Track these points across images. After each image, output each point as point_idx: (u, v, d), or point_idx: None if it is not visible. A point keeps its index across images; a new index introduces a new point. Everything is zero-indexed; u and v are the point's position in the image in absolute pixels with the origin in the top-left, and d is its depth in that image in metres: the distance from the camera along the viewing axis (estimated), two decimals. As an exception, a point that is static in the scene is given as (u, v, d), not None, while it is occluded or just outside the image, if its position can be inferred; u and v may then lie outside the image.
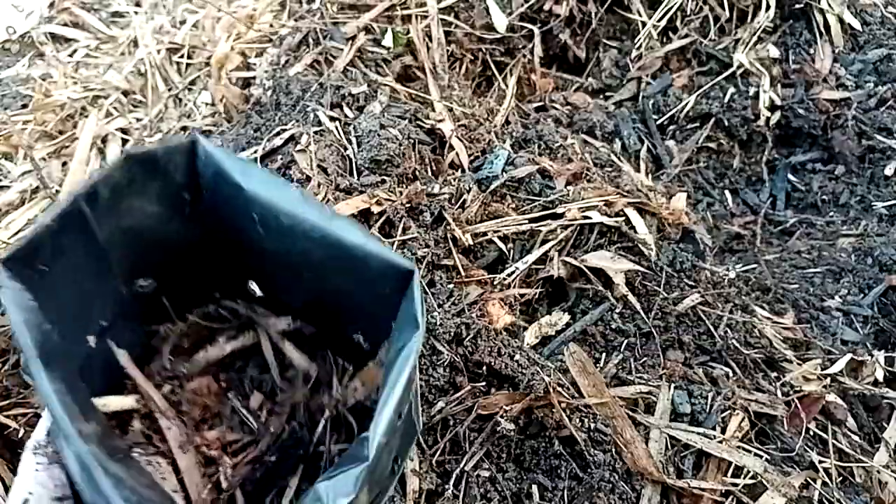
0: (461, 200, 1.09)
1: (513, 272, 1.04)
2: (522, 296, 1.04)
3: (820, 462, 0.94)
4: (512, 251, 1.08)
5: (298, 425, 0.66)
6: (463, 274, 1.01)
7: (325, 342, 0.70)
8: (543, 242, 1.07)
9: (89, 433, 0.46)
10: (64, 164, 1.42)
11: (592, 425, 0.87)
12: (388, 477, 0.55)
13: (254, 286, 0.70)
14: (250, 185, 0.59)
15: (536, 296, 1.06)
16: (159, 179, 0.60)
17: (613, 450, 0.87)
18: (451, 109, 1.28)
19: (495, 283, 1.03)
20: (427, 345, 0.89)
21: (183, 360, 0.68)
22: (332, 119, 1.13)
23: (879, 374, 1.10)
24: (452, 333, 0.90)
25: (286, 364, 0.69)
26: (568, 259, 1.06)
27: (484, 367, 0.91)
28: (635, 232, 1.11)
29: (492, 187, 1.12)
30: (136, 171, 0.58)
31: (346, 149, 1.09)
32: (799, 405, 0.98)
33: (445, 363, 0.88)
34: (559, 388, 0.88)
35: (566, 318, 1.04)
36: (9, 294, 0.48)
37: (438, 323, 0.90)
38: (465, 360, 0.91)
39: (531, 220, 1.09)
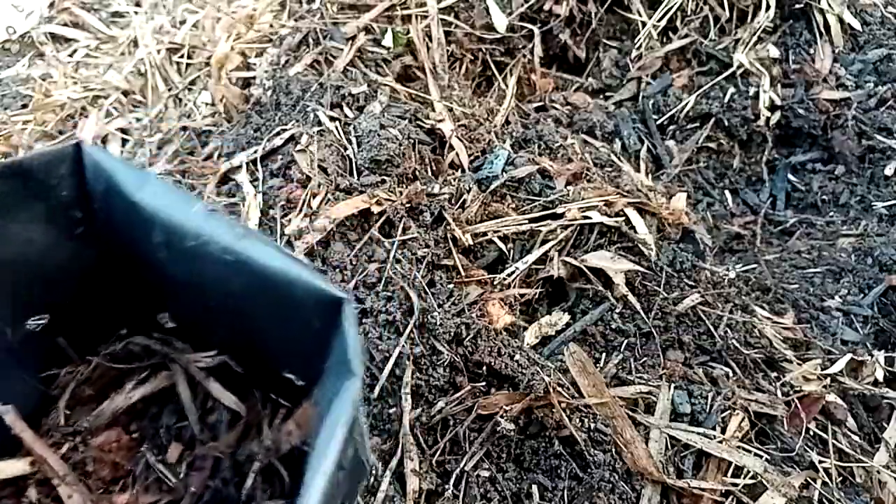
0: (461, 200, 1.09)
1: (513, 272, 1.04)
2: (522, 296, 1.04)
3: (820, 462, 0.94)
4: (512, 251, 1.08)
5: (223, 481, 0.56)
6: (463, 274, 1.01)
7: (253, 380, 0.60)
8: (543, 242, 1.07)
9: None
10: (64, 164, 1.42)
11: (592, 425, 0.87)
12: None
13: (165, 318, 0.59)
14: (147, 200, 0.49)
15: (536, 296, 1.06)
16: (40, 197, 0.50)
17: (613, 450, 0.87)
18: (451, 109, 1.28)
19: (495, 283, 1.03)
20: (427, 345, 0.89)
21: (87, 412, 0.58)
22: (332, 119, 1.13)
23: (879, 374, 1.10)
24: (452, 333, 0.90)
25: (207, 408, 0.59)
26: (568, 259, 1.06)
27: (484, 367, 0.91)
28: (635, 232, 1.11)
29: (492, 187, 1.12)
30: (10, 189, 0.49)
31: (346, 149, 1.09)
32: (799, 405, 0.98)
33: (445, 363, 0.88)
34: (559, 388, 0.88)
35: (566, 318, 1.04)
36: None
37: (438, 323, 0.90)
38: (465, 360, 0.91)
39: (531, 220, 1.09)
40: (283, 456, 0.56)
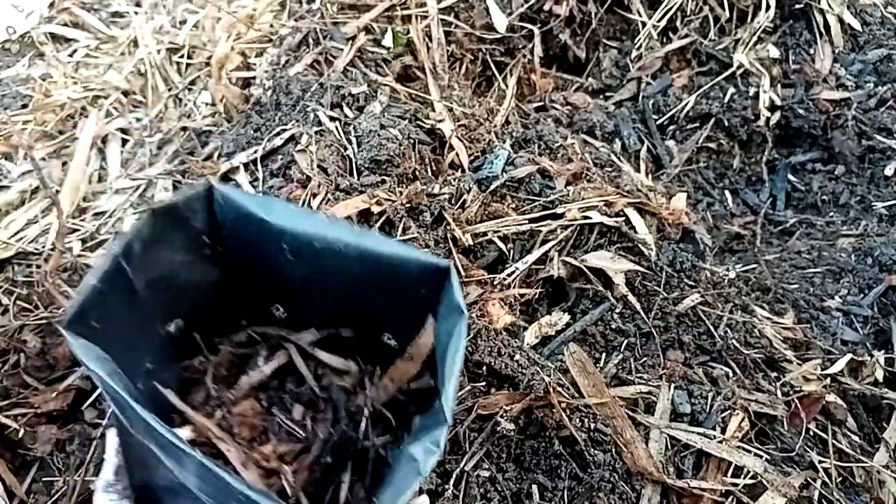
0: (461, 200, 1.09)
1: (513, 272, 1.04)
2: (522, 296, 1.04)
3: (820, 462, 0.94)
4: (512, 251, 1.08)
5: (342, 428, 0.70)
6: (463, 274, 1.01)
7: (354, 348, 0.74)
8: (543, 242, 1.07)
9: None
10: (64, 163, 1.42)
11: (592, 425, 0.87)
12: None
13: (279, 309, 0.74)
14: (276, 219, 0.64)
15: (536, 296, 1.06)
16: (182, 229, 0.65)
17: (613, 450, 0.87)
18: (451, 110, 1.28)
19: (495, 283, 1.03)
20: None
21: (224, 388, 0.71)
22: (333, 119, 1.13)
23: (879, 374, 1.10)
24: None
25: (319, 374, 0.73)
26: (568, 259, 1.06)
27: (484, 367, 0.91)
28: (635, 232, 1.11)
29: (492, 187, 1.12)
30: (161, 224, 0.62)
31: (346, 149, 1.09)
32: (799, 405, 0.98)
33: None
34: (559, 388, 0.88)
35: (566, 318, 1.04)
36: (82, 351, 0.52)
37: None
38: (465, 360, 0.91)
39: (531, 221, 1.09)
40: (384, 405, 0.69)
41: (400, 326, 0.68)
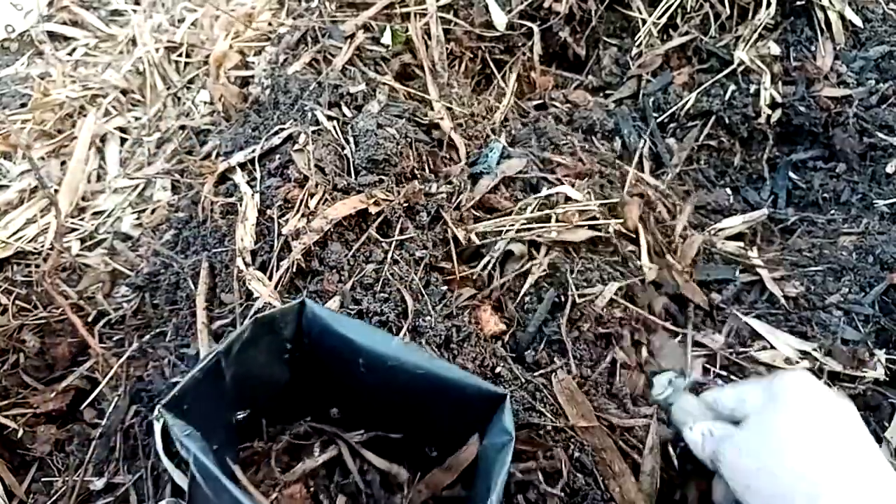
0: (459, 199, 1.09)
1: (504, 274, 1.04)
2: (514, 299, 1.03)
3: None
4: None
5: None
6: (457, 276, 1.01)
7: (396, 454, 0.83)
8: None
9: None
10: (63, 163, 1.42)
11: (577, 454, 0.84)
12: None
13: (335, 411, 0.84)
14: (356, 337, 0.76)
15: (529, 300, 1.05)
16: (272, 335, 0.77)
17: (601, 480, 0.83)
18: (449, 108, 1.27)
19: (491, 285, 1.02)
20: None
21: (278, 471, 0.80)
22: (331, 119, 1.12)
23: (880, 374, 1.10)
24: (443, 337, 0.89)
25: (364, 470, 0.82)
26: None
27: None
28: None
29: (487, 182, 1.12)
30: (258, 331, 0.74)
31: (343, 148, 1.08)
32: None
33: None
34: (541, 409, 0.86)
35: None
36: (179, 430, 0.62)
37: (430, 326, 0.89)
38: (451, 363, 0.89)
39: (529, 221, 1.09)
40: None
41: (445, 440, 0.78)
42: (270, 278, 0.94)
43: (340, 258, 0.94)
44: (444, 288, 0.97)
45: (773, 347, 1.11)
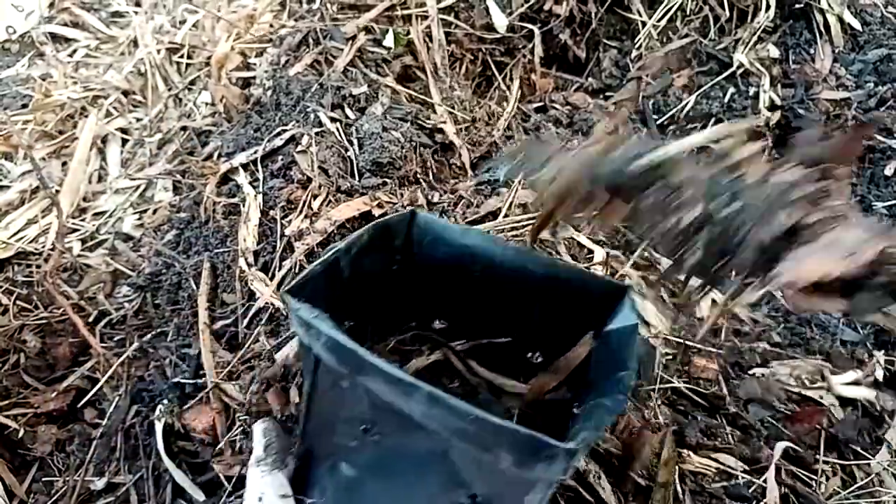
0: (461, 204, 1.09)
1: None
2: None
3: (822, 461, 0.94)
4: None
5: None
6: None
7: (498, 361, 0.84)
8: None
9: None
10: (64, 163, 1.42)
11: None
12: None
13: (438, 322, 0.85)
14: (472, 243, 0.77)
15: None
16: (386, 241, 0.77)
17: None
18: (451, 112, 1.28)
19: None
20: None
21: None
22: (333, 120, 1.13)
23: (879, 374, 1.10)
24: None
25: (470, 374, 0.83)
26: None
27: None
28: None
29: (496, 204, 1.12)
30: (374, 235, 0.75)
31: (346, 150, 1.08)
32: (800, 410, 0.98)
33: None
34: None
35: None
36: (306, 312, 0.61)
37: None
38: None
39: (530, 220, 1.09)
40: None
41: (552, 344, 0.77)
42: (273, 279, 0.94)
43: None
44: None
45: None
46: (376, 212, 0.99)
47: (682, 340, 1.03)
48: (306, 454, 0.70)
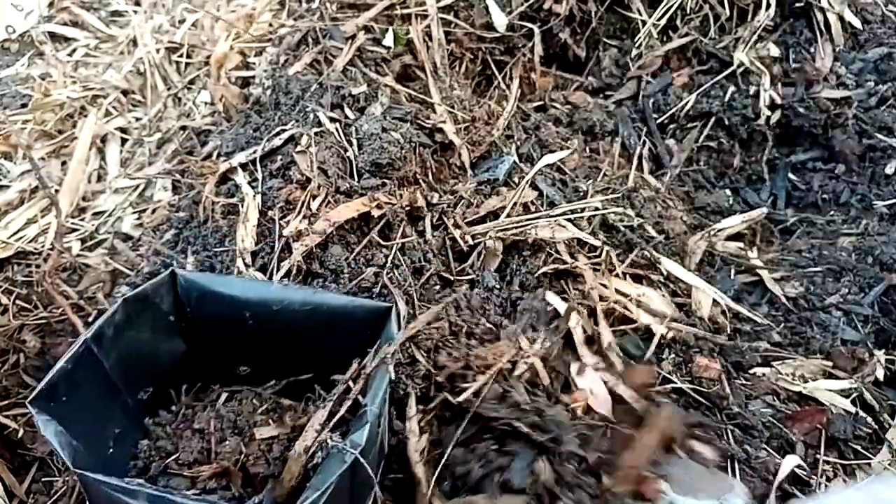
0: (461, 205, 1.09)
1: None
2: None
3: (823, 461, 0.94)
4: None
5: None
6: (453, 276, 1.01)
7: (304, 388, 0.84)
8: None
9: None
10: (63, 163, 1.42)
11: None
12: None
13: (242, 368, 0.85)
14: (236, 292, 0.78)
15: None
16: (150, 311, 0.76)
17: None
18: (451, 111, 1.27)
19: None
20: (407, 354, 0.87)
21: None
22: (333, 120, 1.12)
23: (880, 374, 1.10)
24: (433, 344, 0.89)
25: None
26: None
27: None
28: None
29: (496, 203, 1.12)
30: (132, 310, 0.74)
31: (346, 150, 1.08)
32: (801, 410, 0.98)
33: (421, 374, 0.87)
34: None
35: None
36: (42, 425, 0.63)
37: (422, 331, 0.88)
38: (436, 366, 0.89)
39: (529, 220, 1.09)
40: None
41: (345, 365, 0.77)
42: (271, 279, 0.94)
43: (340, 261, 0.94)
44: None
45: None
46: (375, 212, 0.99)
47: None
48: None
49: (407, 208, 1.02)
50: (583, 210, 1.16)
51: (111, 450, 0.71)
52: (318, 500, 0.58)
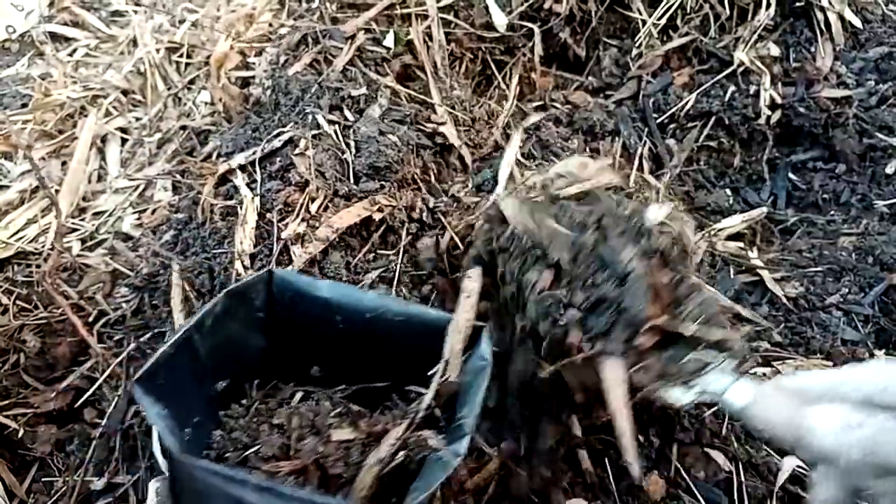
0: (460, 207, 1.09)
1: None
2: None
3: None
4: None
5: None
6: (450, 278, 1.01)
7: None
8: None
9: None
10: (63, 163, 1.42)
11: None
12: None
13: (315, 369, 0.87)
14: (333, 297, 0.80)
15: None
16: (244, 306, 0.79)
17: None
18: (452, 111, 1.27)
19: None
20: None
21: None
22: (332, 123, 1.12)
23: (879, 374, 1.10)
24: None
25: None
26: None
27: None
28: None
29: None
30: (230, 303, 0.76)
31: (343, 153, 1.08)
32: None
33: None
34: None
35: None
36: (147, 407, 0.64)
37: None
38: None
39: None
40: None
41: (422, 376, 0.79)
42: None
43: (339, 268, 0.95)
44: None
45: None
46: (377, 216, 0.99)
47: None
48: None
49: (408, 211, 1.02)
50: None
51: (188, 438, 0.71)
52: (425, 501, 0.60)
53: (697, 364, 0.71)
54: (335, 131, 1.10)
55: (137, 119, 1.52)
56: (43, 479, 1.00)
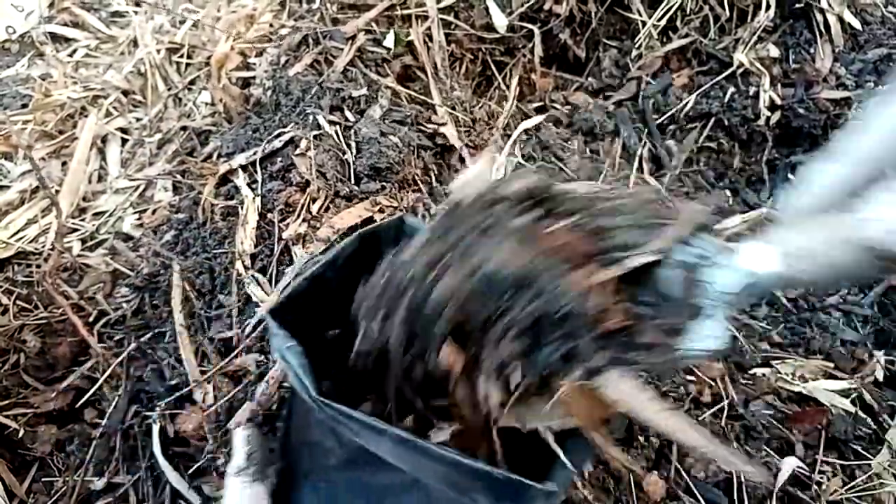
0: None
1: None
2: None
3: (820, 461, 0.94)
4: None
5: None
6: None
7: None
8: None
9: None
10: (64, 163, 1.42)
11: None
12: None
13: None
14: None
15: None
16: (375, 249, 0.72)
17: None
18: (452, 112, 1.28)
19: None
20: None
21: None
22: (332, 123, 1.12)
23: (879, 374, 1.10)
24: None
25: None
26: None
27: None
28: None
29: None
30: (362, 244, 0.72)
31: (344, 154, 1.08)
32: (801, 410, 0.98)
33: None
34: None
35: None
36: (278, 341, 0.59)
37: None
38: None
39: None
40: None
41: None
42: (270, 282, 0.94)
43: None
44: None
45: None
46: (378, 217, 0.99)
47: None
48: (287, 471, 0.68)
49: (408, 212, 1.02)
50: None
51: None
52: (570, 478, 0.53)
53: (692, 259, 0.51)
54: (336, 132, 1.10)
55: (138, 119, 1.52)
56: (43, 479, 1.00)
